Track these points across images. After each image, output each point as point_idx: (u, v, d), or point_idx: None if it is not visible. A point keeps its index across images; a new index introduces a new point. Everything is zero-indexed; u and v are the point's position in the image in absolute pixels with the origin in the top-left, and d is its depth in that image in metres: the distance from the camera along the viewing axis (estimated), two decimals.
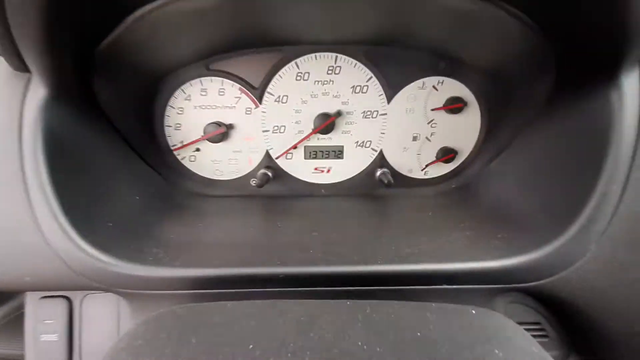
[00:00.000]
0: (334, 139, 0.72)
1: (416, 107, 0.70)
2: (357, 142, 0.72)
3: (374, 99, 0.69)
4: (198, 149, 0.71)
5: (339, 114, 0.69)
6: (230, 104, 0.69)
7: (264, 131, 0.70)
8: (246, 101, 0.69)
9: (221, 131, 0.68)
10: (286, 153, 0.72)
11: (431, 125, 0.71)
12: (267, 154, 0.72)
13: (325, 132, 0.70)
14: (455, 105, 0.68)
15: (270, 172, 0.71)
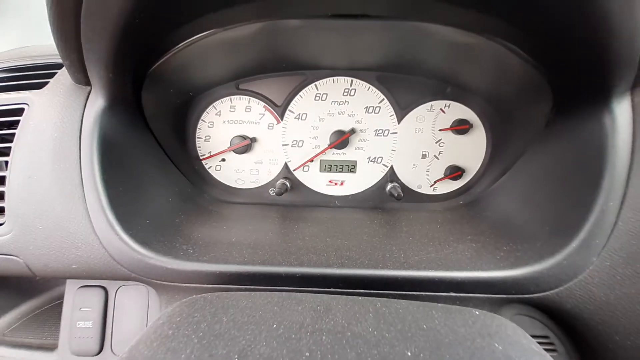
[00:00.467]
0: (347, 154, 0.77)
1: (425, 127, 0.74)
2: (369, 157, 0.76)
3: (385, 118, 0.74)
4: (224, 159, 0.78)
5: (353, 131, 0.75)
6: (255, 119, 0.75)
7: (283, 145, 0.76)
8: (269, 117, 0.75)
9: (246, 143, 0.74)
10: (303, 165, 0.77)
11: (439, 144, 0.75)
12: (286, 165, 0.77)
13: (340, 147, 0.75)
14: (461, 127, 0.73)
15: (288, 183, 0.76)
